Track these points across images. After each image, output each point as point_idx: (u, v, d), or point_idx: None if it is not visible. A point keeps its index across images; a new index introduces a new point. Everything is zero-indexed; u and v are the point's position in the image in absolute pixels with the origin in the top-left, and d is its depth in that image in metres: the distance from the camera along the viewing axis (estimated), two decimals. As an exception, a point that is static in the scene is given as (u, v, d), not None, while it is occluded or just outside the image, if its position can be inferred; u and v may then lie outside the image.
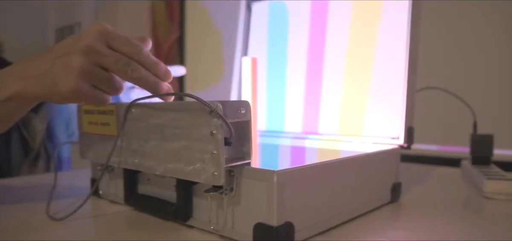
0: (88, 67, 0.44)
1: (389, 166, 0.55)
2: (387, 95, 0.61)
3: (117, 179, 0.53)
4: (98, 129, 0.51)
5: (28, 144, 0.85)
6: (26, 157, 0.84)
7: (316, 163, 0.42)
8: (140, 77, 0.46)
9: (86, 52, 0.44)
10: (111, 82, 0.47)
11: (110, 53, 0.45)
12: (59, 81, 0.45)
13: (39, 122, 0.85)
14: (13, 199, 0.58)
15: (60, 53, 0.46)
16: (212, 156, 0.37)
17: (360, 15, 0.65)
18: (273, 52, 0.76)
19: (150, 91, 0.47)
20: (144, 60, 0.46)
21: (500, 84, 1.14)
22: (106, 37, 0.46)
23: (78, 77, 0.44)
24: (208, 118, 0.37)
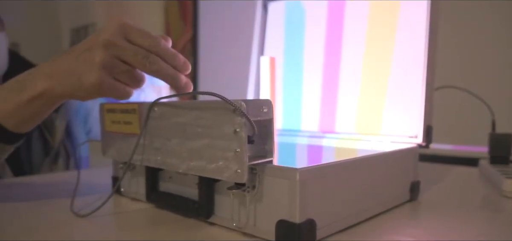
0: (109, 61, 0.46)
1: (408, 165, 0.55)
2: (405, 93, 0.61)
3: (138, 177, 0.54)
4: (120, 127, 0.52)
5: (48, 143, 0.86)
6: (46, 155, 0.86)
7: (338, 161, 0.42)
8: (159, 69, 0.47)
9: (106, 46, 0.46)
10: (132, 75, 0.48)
11: (129, 46, 0.46)
12: (83, 76, 0.46)
13: (59, 121, 0.87)
14: (36, 196, 0.60)
15: (82, 49, 0.47)
16: (236, 154, 0.38)
17: (378, 14, 0.65)
18: (290, 51, 0.76)
19: (169, 83, 0.48)
20: (162, 52, 0.47)
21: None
22: (125, 31, 0.47)
23: (100, 71, 0.46)
24: (232, 117, 0.38)
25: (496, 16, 1.17)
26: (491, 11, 1.17)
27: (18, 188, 0.67)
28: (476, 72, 1.18)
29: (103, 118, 0.55)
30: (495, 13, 1.18)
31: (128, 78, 0.48)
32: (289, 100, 0.75)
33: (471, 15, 1.19)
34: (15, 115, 0.50)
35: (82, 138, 0.94)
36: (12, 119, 0.51)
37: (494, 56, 1.16)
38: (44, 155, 0.86)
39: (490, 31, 1.17)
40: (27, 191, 0.64)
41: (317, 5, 0.73)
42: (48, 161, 0.85)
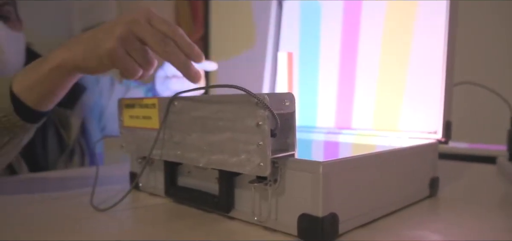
0: (127, 35, 0.49)
1: (428, 160, 0.55)
2: (423, 89, 0.60)
3: (156, 172, 0.54)
4: (139, 122, 0.52)
5: (63, 140, 0.87)
6: (61, 153, 0.87)
7: (360, 155, 0.42)
8: (172, 52, 0.49)
9: (128, 22, 0.49)
10: (145, 55, 0.50)
11: (149, 27, 0.49)
12: (100, 42, 0.49)
13: (74, 118, 0.87)
14: (55, 191, 0.60)
15: (108, 23, 0.50)
16: (258, 147, 0.38)
17: (396, 8, 0.65)
18: (305, 48, 0.76)
19: (179, 70, 0.50)
20: (178, 39, 0.50)
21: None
22: (149, 16, 0.50)
23: (117, 41, 0.48)
24: (254, 110, 0.38)
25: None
26: (510, 6, 1.16)
27: (35, 183, 0.68)
28: (494, 68, 1.16)
29: (121, 114, 0.55)
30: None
31: (141, 57, 0.50)
32: (305, 97, 0.74)
33: (490, 10, 1.18)
34: (35, 90, 0.52)
35: (97, 135, 0.94)
36: (32, 94, 0.52)
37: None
38: (60, 152, 0.86)
39: (510, 26, 1.15)
40: (45, 186, 0.65)
41: (333, 3, 0.72)
42: (64, 158, 0.86)
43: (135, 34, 0.48)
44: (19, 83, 0.51)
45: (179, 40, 0.49)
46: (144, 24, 0.49)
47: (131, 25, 0.48)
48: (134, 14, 0.49)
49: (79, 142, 0.89)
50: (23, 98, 0.51)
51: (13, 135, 0.53)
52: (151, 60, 0.51)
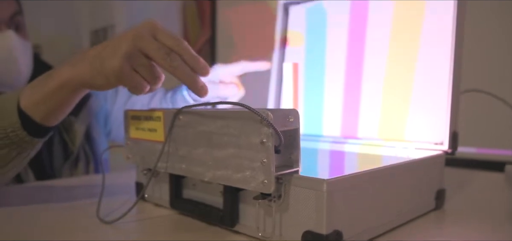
0: (132, 51, 0.48)
1: (434, 172, 0.54)
2: (430, 98, 0.60)
3: (162, 183, 0.54)
4: (145, 134, 0.52)
5: (68, 147, 0.87)
6: (66, 159, 0.87)
7: (364, 171, 0.42)
8: (178, 66, 0.49)
9: (134, 38, 0.48)
10: (151, 70, 0.50)
11: (154, 42, 0.49)
12: (105, 61, 0.49)
13: (79, 125, 0.87)
14: (61, 201, 0.61)
15: (113, 40, 0.50)
16: (262, 164, 0.38)
17: (402, 16, 0.65)
18: (311, 55, 0.76)
19: (186, 83, 0.50)
20: (184, 52, 0.50)
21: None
22: (154, 30, 0.50)
23: (122, 58, 0.48)
24: (258, 127, 0.38)
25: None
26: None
27: (42, 192, 0.68)
28: (502, 75, 1.15)
29: (127, 125, 0.55)
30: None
31: (147, 73, 0.50)
32: (310, 105, 0.74)
33: (496, 16, 1.17)
34: (42, 106, 0.52)
35: (102, 141, 0.95)
36: (40, 110, 0.52)
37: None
38: (64, 158, 0.87)
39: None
40: (52, 196, 0.65)
41: (339, 9, 0.72)
42: (68, 165, 0.86)
43: (141, 50, 0.48)
44: (26, 99, 0.52)
45: (184, 53, 0.49)
46: (149, 39, 0.48)
47: (136, 41, 0.48)
48: (139, 28, 0.49)
49: (84, 148, 0.90)
50: (30, 113, 0.52)
51: (20, 149, 0.53)
52: (158, 75, 0.51)
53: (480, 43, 1.18)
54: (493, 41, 1.17)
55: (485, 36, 1.18)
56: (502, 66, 1.15)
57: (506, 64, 1.15)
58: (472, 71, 1.07)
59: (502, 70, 1.15)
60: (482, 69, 1.18)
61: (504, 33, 1.15)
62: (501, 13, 1.15)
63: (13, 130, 0.51)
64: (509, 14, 1.15)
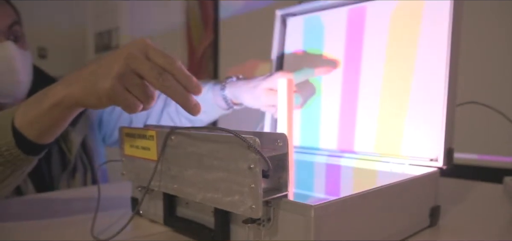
0: (124, 71, 0.48)
1: (428, 190, 0.54)
2: (426, 113, 0.60)
3: (156, 200, 0.55)
4: (139, 152, 0.53)
5: (66, 157, 0.87)
6: (64, 169, 0.87)
7: (354, 194, 0.42)
8: (170, 86, 0.49)
9: (126, 58, 0.48)
10: (144, 90, 0.50)
11: (146, 62, 0.49)
12: (98, 82, 0.49)
13: (75, 135, 0.87)
14: (58, 216, 0.61)
15: (106, 59, 0.50)
16: (250, 189, 0.38)
17: (398, 30, 0.64)
18: (309, 66, 0.76)
19: (178, 102, 0.50)
20: (176, 72, 0.49)
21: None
22: (146, 49, 0.50)
23: (114, 79, 0.48)
24: (246, 153, 0.38)
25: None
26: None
27: (40, 205, 0.69)
28: (500, 86, 1.15)
29: (122, 142, 0.56)
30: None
31: (140, 92, 0.50)
32: (307, 117, 0.74)
33: (494, 28, 1.17)
34: (36, 125, 0.53)
35: (100, 150, 0.95)
36: (34, 128, 0.53)
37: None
38: (62, 169, 0.87)
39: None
40: (49, 210, 0.66)
41: (336, 21, 0.72)
42: (66, 175, 0.87)
43: (133, 70, 0.48)
44: (21, 117, 0.52)
45: (177, 73, 0.49)
46: (141, 58, 0.48)
47: (129, 61, 0.48)
48: (131, 47, 0.49)
49: (81, 158, 0.90)
50: (24, 132, 0.52)
51: (15, 167, 0.54)
52: (151, 94, 0.50)
53: (477, 55, 1.17)
54: (489, 52, 1.17)
55: (481, 48, 1.18)
56: (498, 77, 1.15)
57: (502, 74, 1.14)
58: (469, 82, 1.07)
59: (499, 80, 1.15)
60: (479, 80, 1.17)
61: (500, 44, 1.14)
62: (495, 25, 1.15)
63: (8, 149, 0.52)
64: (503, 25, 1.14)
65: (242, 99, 0.78)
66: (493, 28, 1.18)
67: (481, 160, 1.20)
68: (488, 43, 1.19)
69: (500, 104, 0.76)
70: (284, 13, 0.79)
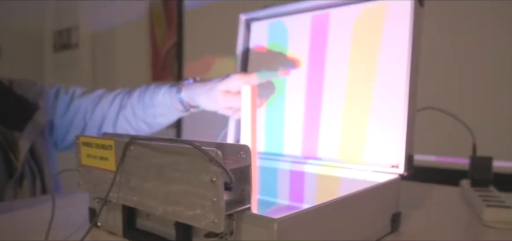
0: None
1: (390, 197, 0.55)
2: (387, 120, 0.61)
3: (115, 211, 0.53)
4: (96, 162, 0.50)
5: (12, 164, 0.82)
6: (10, 178, 0.82)
7: (317, 206, 0.41)
8: None
9: None
10: None
11: None
12: None
13: (23, 141, 0.82)
14: (10, 228, 0.58)
15: None
16: (212, 203, 0.37)
17: (361, 37, 0.65)
18: (272, 71, 0.76)
19: None
20: None
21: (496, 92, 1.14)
22: None
23: None
24: (208, 166, 0.37)
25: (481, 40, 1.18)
26: (474, 34, 1.19)
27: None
28: (459, 93, 1.19)
29: (79, 151, 0.53)
30: (478, 37, 1.19)
31: None
32: (272, 123, 0.74)
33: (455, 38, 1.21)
34: None
35: (51, 156, 0.90)
36: None
37: (477, 77, 1.18)
38: (8, 177, 0.81)
39: (475, 50, 1.18)
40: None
41: (300, 27, 0.72)
42: (12, 183, 0.81)
43: None
44: None
45: None
46: None
47: None
48: None
49: (29, 165, 0.84)
50: None
51: None
52: None
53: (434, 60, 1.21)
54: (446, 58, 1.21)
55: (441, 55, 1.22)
56: (460, 85, 1.19)
57: (463, 82, 1.19)
58: (430, 90, 1.10)
59: (459, 88, 1.19)
60: (440, 87, 1.21)
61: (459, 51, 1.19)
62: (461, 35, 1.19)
63: None
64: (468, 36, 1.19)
65: (198, 102, 0.78)
66: (448, 34, 1.23)
67: (439, 161, 1.24)
68: (444, 50, 1.23)
69: (455, 108, 0.79)
70: (248, 17, 0.78)
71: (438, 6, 1.17)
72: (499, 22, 1.17)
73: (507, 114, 1.15)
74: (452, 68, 1.23)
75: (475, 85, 1.20)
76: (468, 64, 1.21)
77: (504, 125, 1.15)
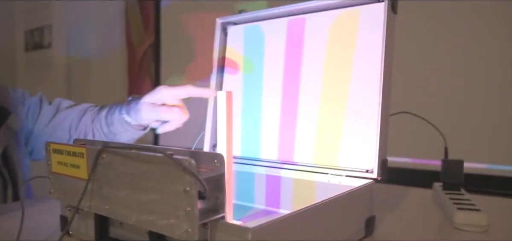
0: None
1: (364, 201, 0.55)
2: (361, 125, 0.61)
3: (88, 219, 0.51)
4: (68, 170, 0.49)
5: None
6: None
7: (291, 213, 0.41)
8: None
9: None
10: None
11: None
12: None
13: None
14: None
15: None
16: (186, 213, 0.36)
17: (336, 42, 0.65)
18: (249, 76, 0.75)
19: None
20: None
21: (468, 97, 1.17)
22: None
23: None
24: (182, 175, 0.36)
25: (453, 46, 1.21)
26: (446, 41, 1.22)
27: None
28: (432, 97, 1.22)
29: (49, 158, 0.52)
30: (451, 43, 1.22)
31: None
32: (248, 127, 0.74)
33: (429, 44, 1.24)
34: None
35: (24, 162, 0.87)
36: None
37: (450, 82, 1.21)
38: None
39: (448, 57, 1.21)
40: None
41: (276, 31, 0.72)
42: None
43: None
44: None
45: None
46: None
47: None
48: None
49: (1, 171, 0.82)
50: None
51: None
52: None
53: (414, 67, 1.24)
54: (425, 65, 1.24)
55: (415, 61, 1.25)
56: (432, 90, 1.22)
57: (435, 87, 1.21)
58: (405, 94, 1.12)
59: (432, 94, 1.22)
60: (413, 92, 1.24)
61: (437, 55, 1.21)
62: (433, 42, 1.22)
63: None
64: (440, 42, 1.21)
65: (131, 117, 0.78)
66: (422, 41, 1.25)
67: (413, 163, 1.27)
68: (418, 56, 1.25)
69: (429, 112, 0.81)
70: (225, 21, 0.78)
71: (411, 13, 1.19)
72: (471, 30, 1.20)
73: (477, 117, 1.19)
74: (427, 74, 1.26)
75: (447, 90, 1.23)
76: (441, 70, 1.24)
77: (474, 127, 1.19)
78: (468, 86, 1.20)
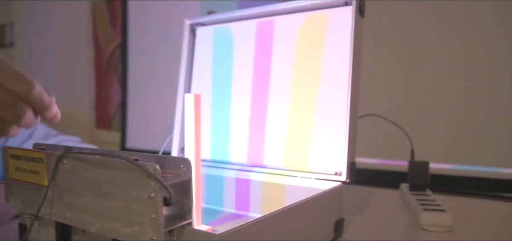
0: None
1: (333, 204, 0.56)
2: (330, 128, 0.62)
3: (48, 227, 0.49)
4: (26, 176, 0.47)
5: None
6: None
7: (259, 218, 0.41)
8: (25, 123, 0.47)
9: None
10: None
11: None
12: None
13: None
14: None
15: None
16: (151, 220, 0.35)
17: (305, 44, 0.66)
18: (218, 78, 0.75)
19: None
20: (33, 100, 0.46)
21: (434, 99, 1.20)
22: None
23: None
24: (146, 180, 0.35)
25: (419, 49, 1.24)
26: (413, 45, 1.25)
27: None
28: (399, 100, 1.25)
29: (6, 164, 0.49)
30: (417, 47, 1.25)
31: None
32: (217, 130, 0.73)
33: (396, 48, 1.26)
34: None
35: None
36: None
37: (416, 85, 1.24)
38: None
39: (414, 58, 1.24)
40: None
41: (245, 34, 0.72)
42: None
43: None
44: None
45: (33, 101, 0.46)
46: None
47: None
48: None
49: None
50: None
51: None
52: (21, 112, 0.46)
53: (382, 69, 1.26)
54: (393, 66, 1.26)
55: (383, 64, 1.27)
56: (399, 91, 1.24)
57: (402, 89, 1.24)
58: (373, 96, 1.14)
59: (399, 96, 1.25)
60: (381, 93, 1.26)
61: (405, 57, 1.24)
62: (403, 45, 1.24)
63: None
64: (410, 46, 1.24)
65: None
66: (390, 45, 1.28)
67: (381, 164, 1.29)
68: (386, 59, 1.28)
69: (396, 114, 0.82)
70: (193, 22, 0.77)
71: (376, 15, 1.21)
72: (437, 32, 1.24)
73: (442, 119, 1.22)
74: (394, 76, 1.28)
75: (414, 93, 1.26)
76: (408, 73, 1.27)
77: (440, 129, 1.22)
78: (433, 89, 1.23)
